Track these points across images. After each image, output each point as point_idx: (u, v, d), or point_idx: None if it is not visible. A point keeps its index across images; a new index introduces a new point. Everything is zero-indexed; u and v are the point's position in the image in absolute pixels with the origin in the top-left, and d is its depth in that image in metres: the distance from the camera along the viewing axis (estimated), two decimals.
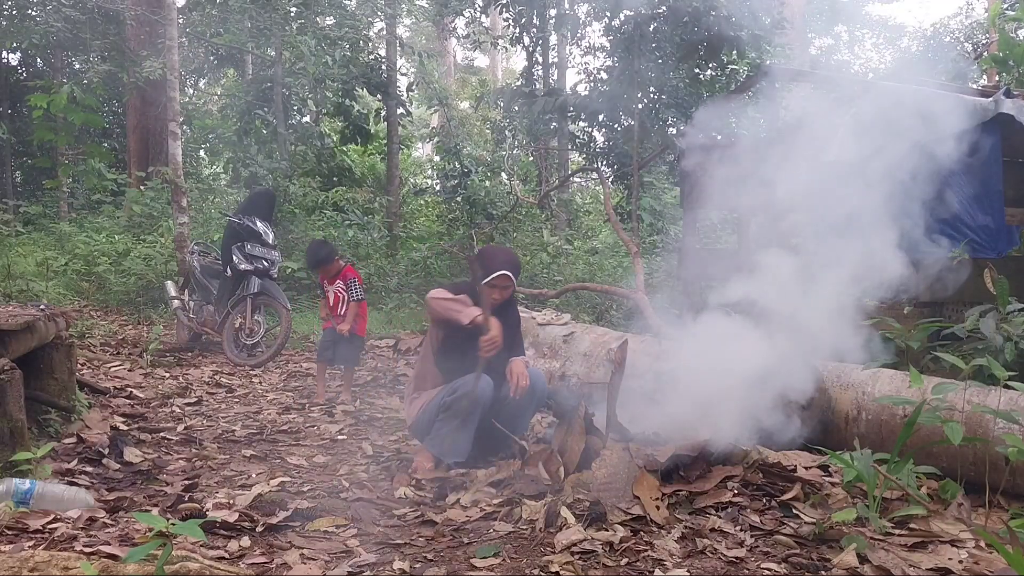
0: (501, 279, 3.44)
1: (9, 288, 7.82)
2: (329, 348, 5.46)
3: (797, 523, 2.55)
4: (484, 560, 2.32)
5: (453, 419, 3.32)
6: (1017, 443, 2.46)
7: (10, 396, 2.89)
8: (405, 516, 2.81)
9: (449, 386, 3.39)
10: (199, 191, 12.35)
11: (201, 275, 7.28)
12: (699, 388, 3.19)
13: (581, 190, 18.33)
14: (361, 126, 13.60)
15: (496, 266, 3.45)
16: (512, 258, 3.60)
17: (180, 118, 9.22)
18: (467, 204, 11.89)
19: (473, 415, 3.32)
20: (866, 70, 19.11)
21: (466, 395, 3.26)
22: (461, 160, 12.23)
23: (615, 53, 11.36)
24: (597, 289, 6.60)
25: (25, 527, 2.38)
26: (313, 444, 4.09)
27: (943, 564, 2.23)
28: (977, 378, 2.99)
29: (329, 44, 11.59)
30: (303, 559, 2.32)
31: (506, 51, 20.31)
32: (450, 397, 3.33)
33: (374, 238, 11.80)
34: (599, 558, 2.30)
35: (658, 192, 12.32)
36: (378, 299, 9.78)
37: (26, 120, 15.12)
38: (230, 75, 16.84)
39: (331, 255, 5.57)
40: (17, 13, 12.90)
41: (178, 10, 9.84)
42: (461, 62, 28.33)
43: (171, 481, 3.21)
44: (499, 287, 3.45)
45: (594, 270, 9.33)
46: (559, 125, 12.43)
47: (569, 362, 4.37)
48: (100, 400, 4.52)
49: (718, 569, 2.25)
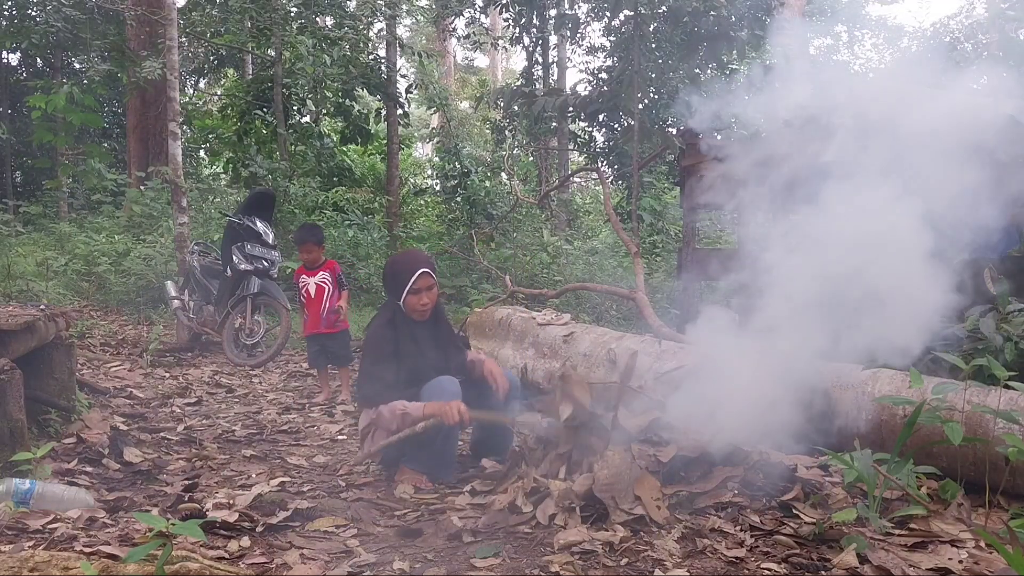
0: (423, 279, 3.23)
1: (9, 288, 7.82)
2: (321, 354, 5.43)
3: (797, 523, 2.55)
4: (484, 560, 2.32)
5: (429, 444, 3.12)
6: (1017, 443, 2.46)
7: (10, 396, 2.89)
8: (405, 516, 2.81)
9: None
10: (199, 191, 12.34)
11: (201, 275, 7.28)
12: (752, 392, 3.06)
13: (581, 190, 18.34)
14: (361, 126, 13.60)
15: (410, 268, 3.24)
16: (421, 255, 3.43)
17: (180, 118, 9.22)
18: (467, 204, 11.89)
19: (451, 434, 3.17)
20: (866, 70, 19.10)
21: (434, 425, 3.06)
22: (461, 160, 12.23)
23: (615, 53, 11.37)
24: (597, 289, 6.59)
25: (25, 527, 2.38)
26: (313, 444, 4.09)
27: (943, 564, 2.23)
28: (977, 378, 2.99)
29: (329, 44, 11.59)
30: (303, 559, 2.32)
31: (506, 51, 20.32)
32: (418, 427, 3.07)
33: (374, 238, 11.80)
34: (599, 558, 2.30)
35: (658, 192, 12.32)
36: (378, 299, 9.79)
37: (26, 120, 15.12)
38: (230, 75, 16.84)
39: (323, 239, 5.61)
40: (17, 13, 12.91)
41: (178, 10, 9.83)
42: (461, 62, 28.34)
43: (171, 481, 3.22)
44: (424, 289, 3.24)
45: (594, 270, 9.33)
46: (559, 125, 12.44)
47: (569, 362, 4.37)
48: (100, 400, 4.52)
49: (718, 569, 2.25)
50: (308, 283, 5.46)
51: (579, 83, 13.27)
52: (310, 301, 5.46)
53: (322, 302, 5.42)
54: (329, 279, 5.46)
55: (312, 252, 5.46)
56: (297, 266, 5.71)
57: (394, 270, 3.34)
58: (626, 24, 10.61)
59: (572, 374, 3.08)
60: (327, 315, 5.42)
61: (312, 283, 5.45)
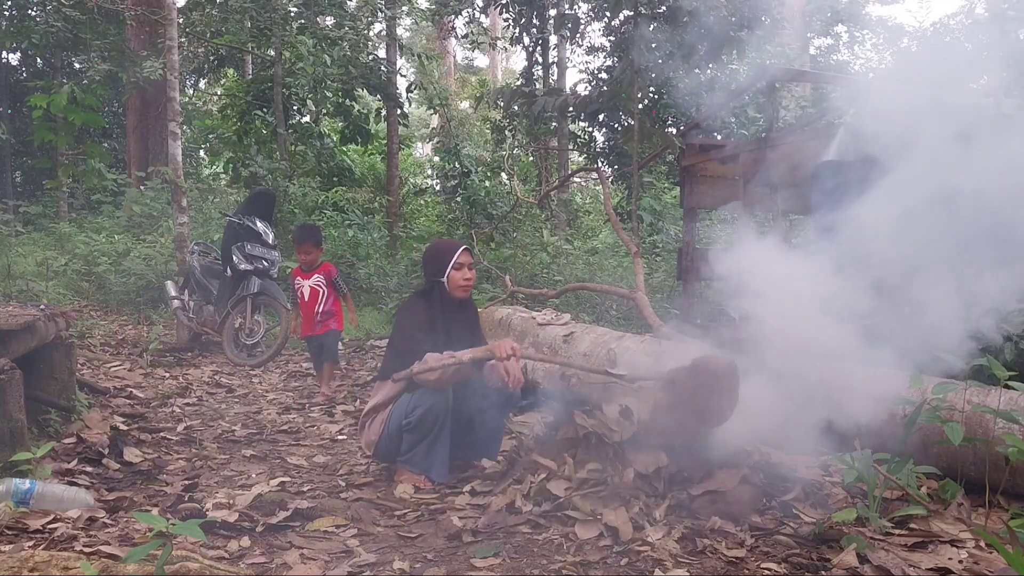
0: (465, 255, 3.37)
1: (9, 288, 7.82)
2: (319, 354, 5.49)
3: (797, 523, 2.55)
4: (484, 560, 2.32)
5: (422, 438, 3.14)
6: (1017, 443, 2.46)
7: (10, 396, 2.89)
8: (405, 516, 2.81)
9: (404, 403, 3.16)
10: (199, 191, 12.34)
11: (201, 275, 7.28)
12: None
13: (581, 190, 18.33)
14: (361, 126, 13.60)
15: (453, 246, 3.39)
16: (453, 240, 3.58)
17: (180, 118, 9.22)
18: (467, 204, 11.89)
19: (443, 428, 3.16)
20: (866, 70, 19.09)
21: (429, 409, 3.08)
22: (461, 160, 12.22)
23: (615, 53, 11.37)
24: (597, 289, 6.59)
25: (25, 527, 2.38)
26: (313, 444, 4.10)
27: (943, 564, 2.23)
28: (977, 378, 2.99)
29: (329, 44, 11.59)
30: (303, 559, 2.32)
31: (506, 51, 20.32)
32: (411, 418, 3.11)
33: (374, 238, 11.79)
34: (599, 558, 2.30)
35: (658, 192, 12.32)
36: (378, 299, 9.78)
37: (26, 120, 15.13)
38: (230, 75, 16.84)
39: (322, 240, 5.60)
40: (17, 13, 12.91)
41: (178, 10, 9.83)
42: (461, 62, 28.35)
43: (171, 481, 3.22)
44: (467, 265, 3.37)
45: (594, 270, 9.31)
46: (559, 125, 12.44)
47: None
48: (100, 400, 4.51)
49: (718, 569, 2.25)
50: (303, 285, 5.46)
51: (579, 83, 13.28)
52: (304, 303, 5.47)
53: (316, 304, 5.43)
54: (324, 282, 5.45)
55: (311, 253, 5.43)
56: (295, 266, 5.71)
57: (437, 249, 3.47)
58: (626, 24, 10.60)
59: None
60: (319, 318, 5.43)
61: (307, 285, 5.45)
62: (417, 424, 3.11)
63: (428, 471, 3.17)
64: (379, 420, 3.27)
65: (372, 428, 3.29)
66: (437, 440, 3.16)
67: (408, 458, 3.18)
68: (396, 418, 3.18)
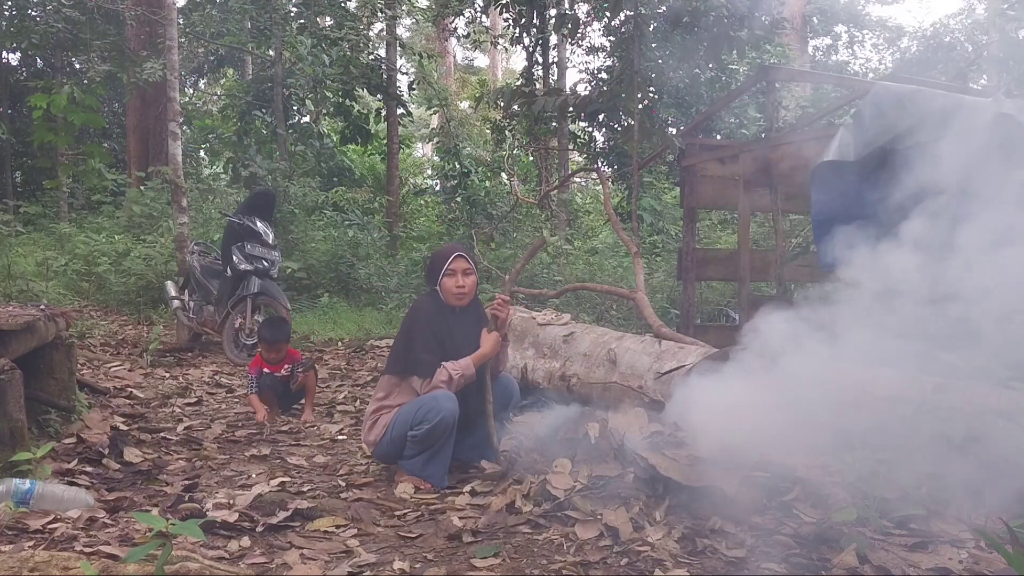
0: (457, 262, 3.32)
1: (9, 288, 7.82)
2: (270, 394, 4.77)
3: (797, 523, 2.54)
4: (484, 560, 2.32)
5: (426, 449, 3.15)
6: None
7: (10, 396, 2.89)
8: (405, 516, 2.81)
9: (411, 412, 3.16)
10: (199, 191, 12.34)
11: (201, 275, 7.28)
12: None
13: (581, 190, 18.32)
14: (361, 126, 13.60)
15: (446, 252, 3.38)
16: (459, 245, 3.60)
17: (180, 118, 9.22)
18: (467, 204, 11.89)
19: (448, 441, 3.18)
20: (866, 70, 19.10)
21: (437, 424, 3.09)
22: (461, 160, 12.22)
23: (615, 53, 11.37)
24: (597, 289, 6.58)
25: (25, 527, 2.38)
26: (313, 444, 4.10)
27: (943, 564, 2.23)
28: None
29: (328, 44, 11.59)
30: (303, 559, 2.32)
31: (506, 51, 20.32)
32: (418, 431, 3.12)
33: (374, 238, 11.79)
34: (599, 558, 2.30)
35: (658, 192, 12.32)
36: (378, 299, 9.79)
37: (26, 120, 15.12)
38: (230, 75, 16.85)
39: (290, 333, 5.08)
40: (17, 13, 12.91)
41: (178, 10, 9.83)
42: (461, 62, 28.36)
43: (171, 481, 3.22)
44: (460, 272, 3.32)
45: (594, 270, 9.32)
46: (559, 125, 12.43)
47: (569, 362, 4.37)
48: (100, 400, 4.52)
49: (718, 569, 2.25)
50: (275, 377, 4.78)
51: (579, 83, 13.26)
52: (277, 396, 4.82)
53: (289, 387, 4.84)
54: (292, 367, 4.83)
55: (282, 351, 4.80)
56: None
57: (434, 255, 3.51)
58: (626, 24, 10.59)
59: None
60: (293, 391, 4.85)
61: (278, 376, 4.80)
62: (424, 437, 3.13)
63: (428, 478, 3.19)
64: (382, 423, 3.28)
65: (375, 428, 3.31)
66: (440, 451, 3.18)
67: (409, 464, 3.21)
68: (400, 425, 3.20)
